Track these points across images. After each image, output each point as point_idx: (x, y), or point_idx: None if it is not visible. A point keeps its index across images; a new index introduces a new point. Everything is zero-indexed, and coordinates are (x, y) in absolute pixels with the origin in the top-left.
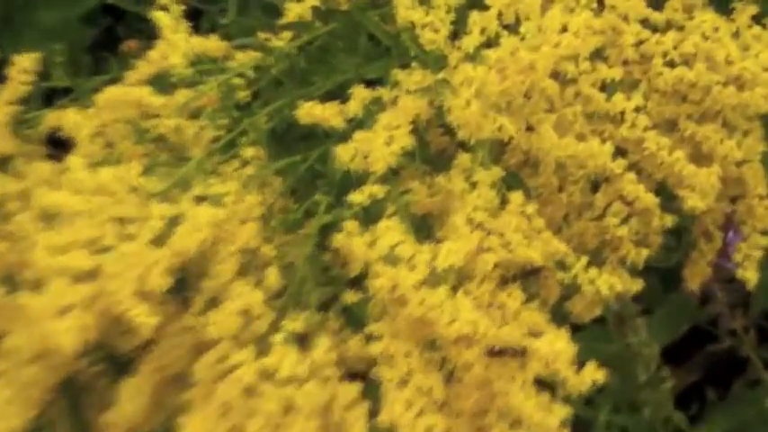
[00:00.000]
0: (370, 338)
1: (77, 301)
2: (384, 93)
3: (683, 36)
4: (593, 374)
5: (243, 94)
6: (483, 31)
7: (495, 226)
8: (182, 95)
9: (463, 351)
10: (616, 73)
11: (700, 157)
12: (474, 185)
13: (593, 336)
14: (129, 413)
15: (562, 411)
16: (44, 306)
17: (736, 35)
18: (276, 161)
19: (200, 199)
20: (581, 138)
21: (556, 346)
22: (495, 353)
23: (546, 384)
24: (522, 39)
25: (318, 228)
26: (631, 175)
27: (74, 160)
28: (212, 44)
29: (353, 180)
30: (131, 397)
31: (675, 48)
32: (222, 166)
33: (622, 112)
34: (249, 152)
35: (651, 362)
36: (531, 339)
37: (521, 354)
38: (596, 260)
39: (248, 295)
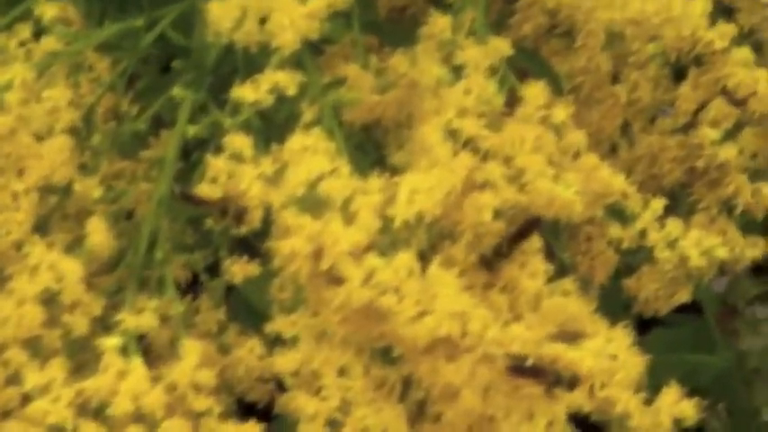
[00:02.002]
0: (275, 344)
1: None
2: None
3: None
4: (678, 407)
5: None
6: None
7: (497, 144)
8: None
9: (442, 367)
10: None
11: None
12: (458, 72)
13: (677, 340)
14: None
15: None
16: None
17: None
18: (100, 26)
19: None
20: None
21: (608, 359)
22: (525, 372)
23: (591, 426)
24: None
25: (178, 147)
26: (744, 51)
27: None
28: None
29: (241, 62)
30: None
31: None
32: None
33: None
34: (50, 11)
35: None
36: (564, 346)
37: (567, 383)
38: (680, 206)
39: (54, 267)
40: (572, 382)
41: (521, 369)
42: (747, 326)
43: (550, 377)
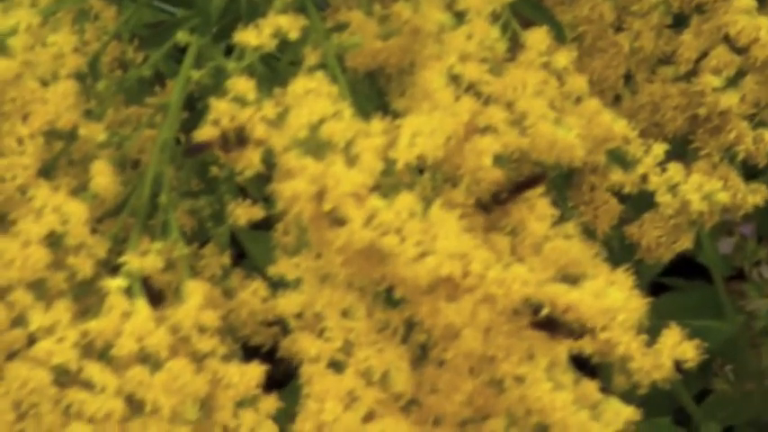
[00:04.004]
0: (278, 286)
1: None
2: None
3: None
4: (680, 348)
5: None
6: None
7: (498, 89)
8: None
9: (443, 307)
10: None
11: None
12: (461, 18)
13: (685, 305)
14: None
15: (620, 414)
16: None
17: None
18: None
19: None
20: None
21: (609, 300)
22: (541, 324)
23: (591, 369)
24: None
25: (183, 92)
26: None
27: None
28: None
29: (244, 11)
30: None
31: None
32: None
33: None
34: None
35: None
36: (565, 287)
37: (579, 332)
38: (681, 152)
39: (59, 209)
40: (581, 332)
41: (539, 324)
42: (754, 288)
43: (565, 331)
